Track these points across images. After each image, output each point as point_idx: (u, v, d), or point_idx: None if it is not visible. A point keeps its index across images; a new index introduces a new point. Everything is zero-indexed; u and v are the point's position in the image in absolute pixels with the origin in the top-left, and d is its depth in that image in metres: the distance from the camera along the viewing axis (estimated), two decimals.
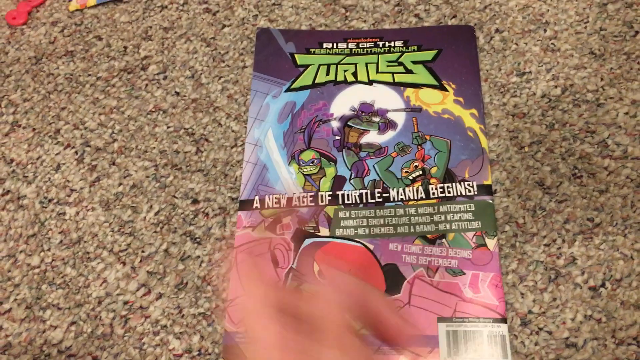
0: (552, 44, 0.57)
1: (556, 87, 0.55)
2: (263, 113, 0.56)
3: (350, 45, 0.58)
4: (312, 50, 0.58)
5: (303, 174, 0.52)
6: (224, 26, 0.62)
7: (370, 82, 0.56)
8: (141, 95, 0.58)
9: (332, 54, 0.58)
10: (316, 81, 0.57)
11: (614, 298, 0.46)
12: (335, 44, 0.59)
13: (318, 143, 0.54)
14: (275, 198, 0.51)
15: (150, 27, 0.62)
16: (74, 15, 0.64)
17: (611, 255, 0.47)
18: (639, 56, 0.56)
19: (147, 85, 0.59)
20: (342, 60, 0.58)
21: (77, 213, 0.53)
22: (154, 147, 0.55)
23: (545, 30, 0.58)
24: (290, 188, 0.52)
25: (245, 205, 0.51)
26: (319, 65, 0.57)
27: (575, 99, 0.54)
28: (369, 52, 0.58)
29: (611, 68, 0.55)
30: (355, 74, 0.57)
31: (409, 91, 0.55)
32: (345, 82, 0.56)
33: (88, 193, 0.53)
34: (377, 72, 0.57)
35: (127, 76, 0.59)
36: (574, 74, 0.56)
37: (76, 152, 0.56)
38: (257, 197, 0.52)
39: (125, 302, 0.48)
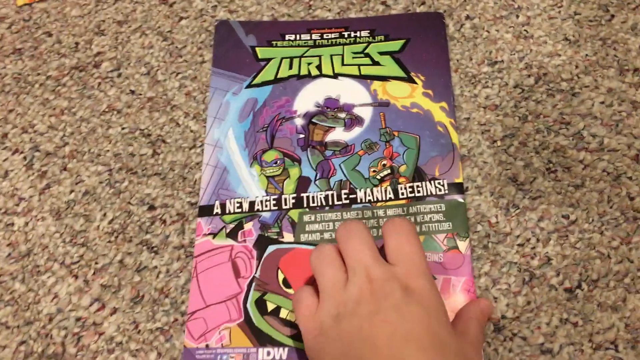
0: (524, 30, 0.55)
1: (529, 76, 0.52)
2: (223, 112, 0.52)
3: (314, 37, 0.55)
4: (274, 42, 0.55)
5: (266, 175, 0.50)
6: (181, 18, 0.58)
7: (335, 76, 0.53)
8: (94, 95, 0.55)
9: (295, 47, 0.55)
10: (278, 76, 0.54)
11: (591, 300, 0.44)
12: (298, 35, 0.56)
13: (281, 142, 0.51)
14: (237, 202, 0.49)
15: (103, 21, 0.59)
16: (22, 10, 0.60)
17: (587, 254, 0.45)
18: (615, 41, 0.53)
19: (100, 83, 0.55)
20: (305, 52, 0.55)
21: (27, 223, 0.49)
22: (108, 150, 0.52)
23: (517, 16, 0.55)
24: (253, 191, 0.49)
25: (205, 211, 0.49)
26: (282, 59, 0.54)
27: (549, 89, 0.52)
28: (333, 43, 0.55)
29: (586, 55, 0.53)
30: (319, 67, 0.54)
31: (376, 84, 0.52)
32: (309, 76, 0.53)
33: (38, 201, 0.50)
34: (343, 64, 0.54)
35: (79, 74, 0.56)
36: (548, 61, 0.53)
37: (25, 158, 0.52)
38: (217, 202, 0.49)
39: (78, 319, 0.46)
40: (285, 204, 0.48)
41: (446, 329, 0.35)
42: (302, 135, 0.51)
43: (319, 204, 0.48)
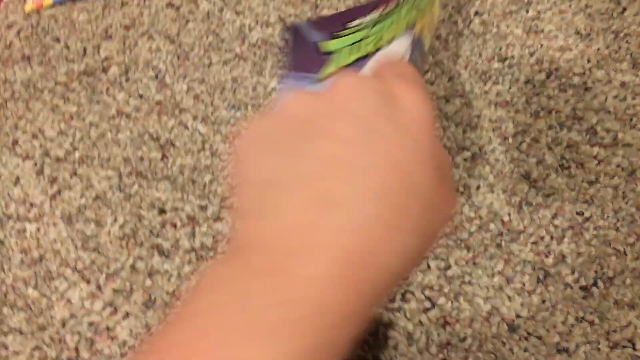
0: (535, 25, 0.54)
1: (540, 71, 0.52)
2: None
3: (372, 16, 0.54)
4: (339, 33, 0.55)
5: None
6: (188, 21, 0.58)
7: (390, 41, 0.52)
8: (102, 100, 0.55)
9: (357, 32, 0.54)
10: (344, 64, 0.53)
11: (607, 297, 0.43)
12: (360, 20, 0.55)
13: None
14: None
15: (111, 26, 0.59)
16: (30, 17, 0.60)
17: (603, 252, 0.44)
18: (628, 34, 0.53)
19: (108, 88, 0.55)
20: (367, 34, 0.54)
21: (38, 229, 0.50)
22: (117, 155, 0.52)
23: (527, 11, 0.55)
24: None
25: None
26: (343, 48, 0.54)
27: (561, 84, 0.51)
28: (390, 14, 0.54)
29: (598, 49, 0.52)
30: (377, 42, 0.53)
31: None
32: (372, 54, 0.53)
33: (49, 207, 0.50)
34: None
35: (88, 79, 0.56)
36: (559, 56, 0.52)
37: (35, 164, 0.52)
38: None
39: (91, 324, 0.46)
40: None
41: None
42: None
43: None
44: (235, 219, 0.24)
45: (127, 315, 0.46)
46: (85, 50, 0.58)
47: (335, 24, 0.55)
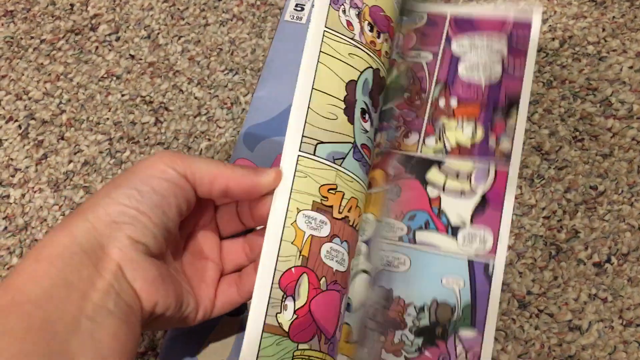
0: None
1: (554, 39, 0.50)
2: None
3: None
4: None
5: None
6: None
7: None
8: (91, 60, 0.52)
9: None
10: None
11: (621, 274, 0.41)
12: None
13: None
14: None
15: None
16: None
17: (617, 227, 0.43)
18: None
19: (97, 47, 0.52)
20: None
21: (23, 195, 0.47)
22: (108, 118, 0.49)
23: None
24: None
25: None
26: None
27: (575, 53, 0.49)
28: None
29: (613, 17, 0.50)
30: None
31: None
32: None
33: (34, 172, 0.47)
34: None
35: (75, 38, 0.53)
36: (573, 24, 0.50)
37: (20, 126, 0.49)
38: None
39: None
40: None
41: None
42: None
43: None
44: None
45: None
46: (72, 6, 0.54)
47: None
